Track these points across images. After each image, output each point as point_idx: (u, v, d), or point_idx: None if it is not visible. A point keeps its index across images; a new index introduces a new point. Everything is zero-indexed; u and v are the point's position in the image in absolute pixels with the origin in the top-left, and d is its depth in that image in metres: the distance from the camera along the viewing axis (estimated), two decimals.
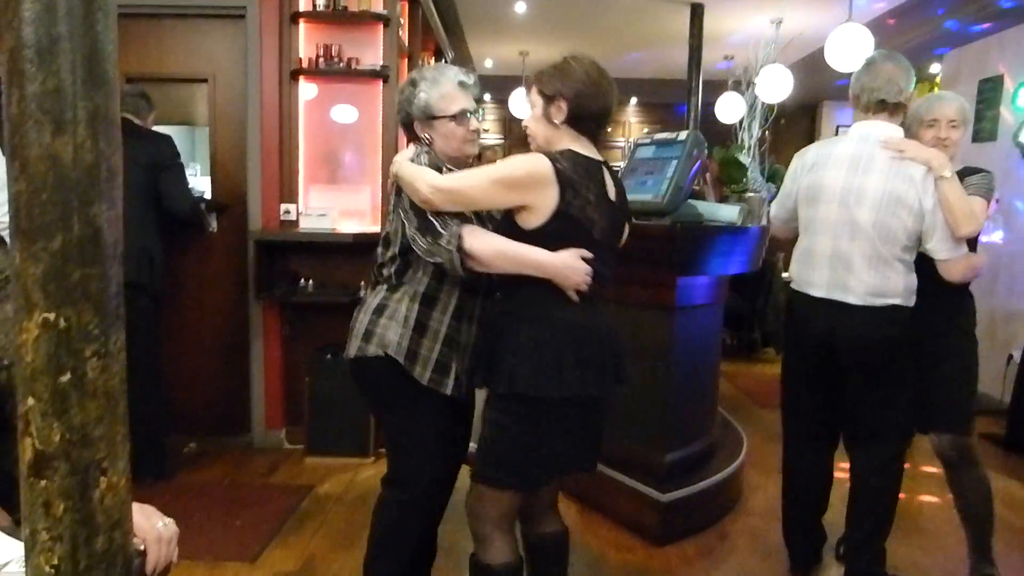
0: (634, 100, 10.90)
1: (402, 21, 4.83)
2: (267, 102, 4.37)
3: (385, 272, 2.32)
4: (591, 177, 2.09)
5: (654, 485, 3.45)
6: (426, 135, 2.32)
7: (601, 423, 2.25)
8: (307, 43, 4.39)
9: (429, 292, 2.26)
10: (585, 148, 2.15)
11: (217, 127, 4.56)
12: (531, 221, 2.07)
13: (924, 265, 2.75)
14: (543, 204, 2.04)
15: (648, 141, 3.49)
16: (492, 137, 11.17)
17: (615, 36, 7.97)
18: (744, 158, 4.73)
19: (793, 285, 2.99)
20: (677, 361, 3.50)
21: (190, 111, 4.74)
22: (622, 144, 10.66)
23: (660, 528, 3.42)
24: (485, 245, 2.09)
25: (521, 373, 2.05)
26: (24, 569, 0.77)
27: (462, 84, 2.33)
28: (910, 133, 2.98)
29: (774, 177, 4.98)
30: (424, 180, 2.12)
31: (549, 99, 2.15)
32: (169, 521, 1.17)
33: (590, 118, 2.15)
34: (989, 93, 5.98)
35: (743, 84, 6.02)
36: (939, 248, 2.68)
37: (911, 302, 2.73)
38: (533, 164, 2.04)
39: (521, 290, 2.12)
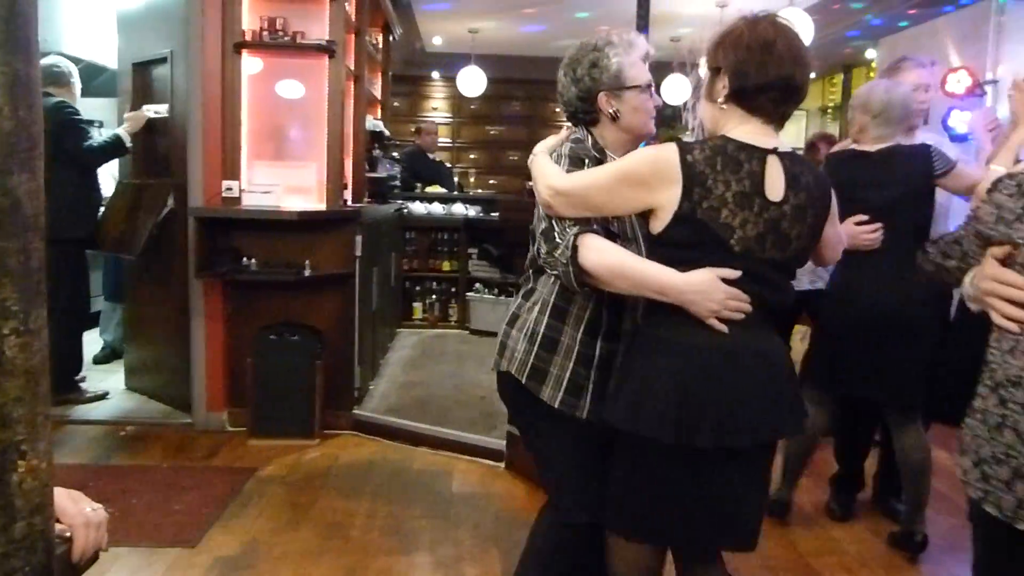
0: None
1: None
2: (209, 76, 4.26)
3: (529, 272, 2.10)
4: (737, 170, 1.70)
5: None
6: (612, 108, 2.00)
7: (749, 479, 1.84)
8: (251, 15, 4.28)
9: (559, 302, 1.99)
10: (753, 131, 1.75)
11: (173, 103, 4.48)
12: (655, 226, 1.76)
13: None
14: (666, 205, 1.71)
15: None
16: (441, 116, 11.08)
17: (563, 16, 7.95)
18: (689, 138, 4.78)
19: None
20: None
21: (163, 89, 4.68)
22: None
23: None
24: (601, 260, 1.78)
25: (624, 407, 1.79)
26: None
27: (647, 56, 2.06)
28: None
29: None
30: (545, 181, 1.86)
31: (714, 72, 1.80)
32: (98, 506, 1.13)
33: (759, 91, 1.73)
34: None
35: (688, 66, 6.06)
36: None
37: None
38: (657, 155, 1.73)
39: (658, 307, 1.78)
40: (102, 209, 4.81)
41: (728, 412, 1.70)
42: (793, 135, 10.20)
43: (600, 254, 1.78)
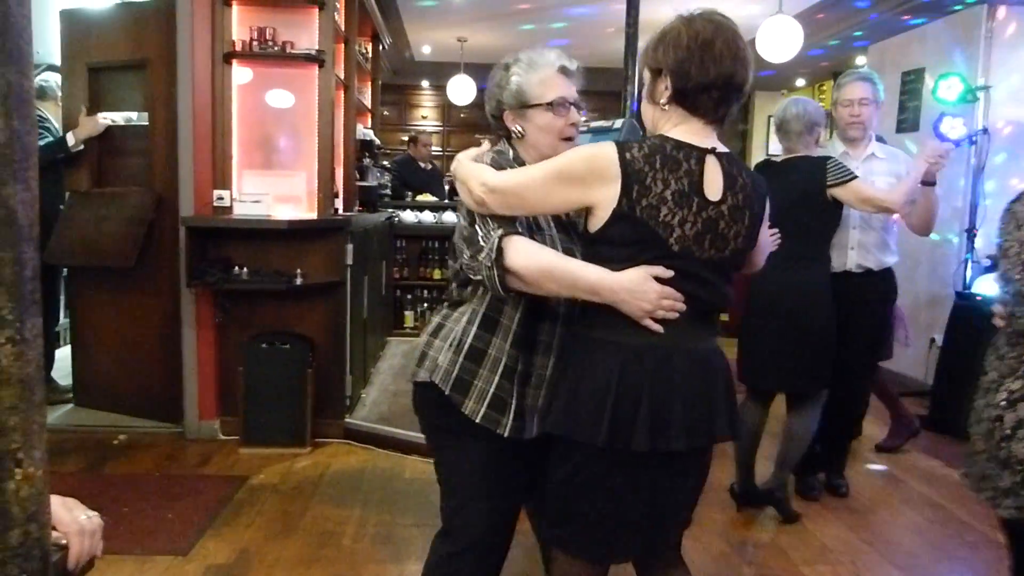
0: None
1: (338, 5, 4.76)
2: (199, 86, 4.26)
3: (452, 286, 2.03)
4: (676, 168, 1.68)
5: None
6: (518, 127, 1.98)
7: (687, 485, 1.85)
8: (240, 26, 4.29)
9: (490, 313, 1.91)
10: (692, 131, 1.73)
11: (154, 112, 4.49)
12: (592, 224, 1.73)
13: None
14: (603, 203, 1.68)
15: (584, 129, 3.50)
16: (430, 124, 11.10)
17: (552, 24, 7.98)
18: None
19: None
20: None
21: (137, 97, 4.68)
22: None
23: None
24: (528, 261, 1.73)
25: (557, 411, 1.76)
26: None
27: (563, 70, 1.98)
28: (833, 113, 3.57)
29: None
30: (478, 178, 1.80)
31: (655, 74, 1.76)
32: (93, 514, 1.13)
33: (700, 91, 1.70)
34: (911, 85, 6.16)
35: None
36: None
37: None
38: (594, 152, 1.70)
39: (591, 307, 1.75)
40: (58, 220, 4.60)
41: (664, 414, 1.67)
42: None
43: (527, 255, 1.74)
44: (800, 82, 9.79)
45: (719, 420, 1.75)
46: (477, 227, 1.82)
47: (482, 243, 1.78)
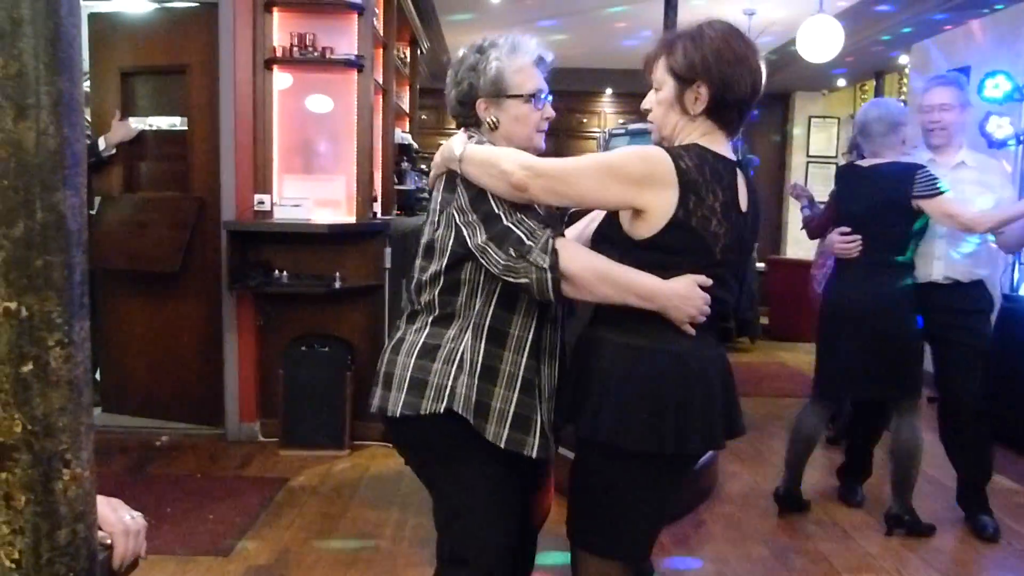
0: (609, 91, 10.90)
1: (376, 10, 4.80)
2: (241, 91, 4.33)
3: (425, 296, 1.82)
4: (720, 181, 1.68)
5: None
6: (491, 118, 1.86)
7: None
8: (281, 32, 4.35)
9: (496, 325, 1.78)
10: (717, 142, 1.74)
11: (192, 117, 4.54)
12: (642, 230, 1.67)
13: None
14: (658, 209, 1.64)
15: (623, 131, 3.51)
16: None
17: (590, 26, 7.96)
18: None
19: None
20: None
21: (172, 102, 4.71)
22: (597, 134, 10.65)
23: None
24: (585, 264, 1.67)
25: (605, 421, 1.69)
26: None
27: (541, 60, 1.91)
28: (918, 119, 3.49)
29: (745, 167, 4.99)
30: (512, 160, 1.68)
31: (686, 82, 1.71)
32: (137, 514, 1.15)
33: (735, 106, 1.72)
34: None
35: None
36: None
37: None
38: (652, 157, 1.65)
39: (620, 312, 1.71)
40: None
41: (709, 416, 1.70)
42: (824, 142, 10.12)
43: (583, 259, 1.69)
44: (841, 82, 9.65)
45: (738, 418, 1.81)
46: (513, 225, 1.68)
47: (529, 242, 1.66)
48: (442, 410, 1.75)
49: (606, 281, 1.67)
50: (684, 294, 1.65)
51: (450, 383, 1.75)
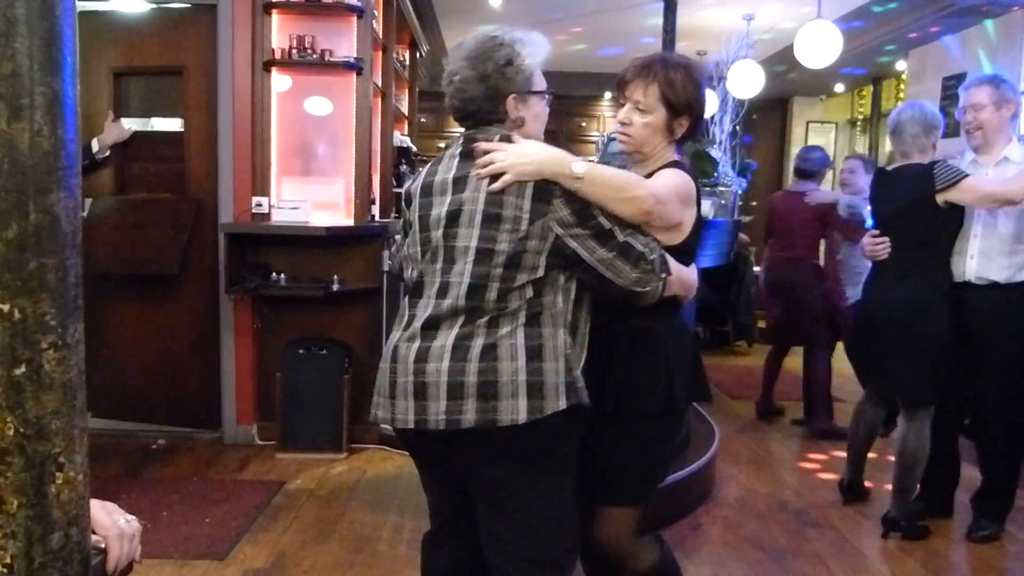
0: (608, 95, 10.91)
1: (376, 13, 4.80)
2: (239, 93, 4.32)
3: (513, 303, 1.77)
4: (698, 191, 2.07)
5: None
6: (518, 113, 1.88)
7: None
8: (280, 34, 4.34)
9: (574, 321, 1.86)
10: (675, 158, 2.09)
11: (189, 118, 4.52)
12: (677, 238, 1.95)
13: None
14: (690, 221, 1.99)
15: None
16: None
17: (589, 30, 7.97)
18: (716, 152, 4.75)
19: None
20: None
21: (167, 103, 4.67)
22: (596, 138, 10.65)
23: None
24: (674, 269, 1.88)
25: (679, 389, 2.02)
26: None
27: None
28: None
29: (744, 171, 5.02)
30: (642, 187, 1.83)
31: (676, 110, 1.99)
32: (132, 518, 1.14)
33: (697, 128, 2.10)
34: (953, 90, 6.05)
35: (715, 79, 6.04)
36: None
37: None
38: (689, 180, 1.98)
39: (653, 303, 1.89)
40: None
41: (700, 375, 2.17)
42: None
43: (672, 264, 1.88)
44: (839, 87, 9.66)
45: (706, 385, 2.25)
46: (627, 239, 1.78)
47: (648, 253, 1.79)
48: (565, 406, 1.76)
49: (680, 280, 1.92)
50: (694, 282, 2.02)
51: (564, 379, 1.78)
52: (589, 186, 1.75)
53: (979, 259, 3.27)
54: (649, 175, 1.98)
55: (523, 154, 1.77)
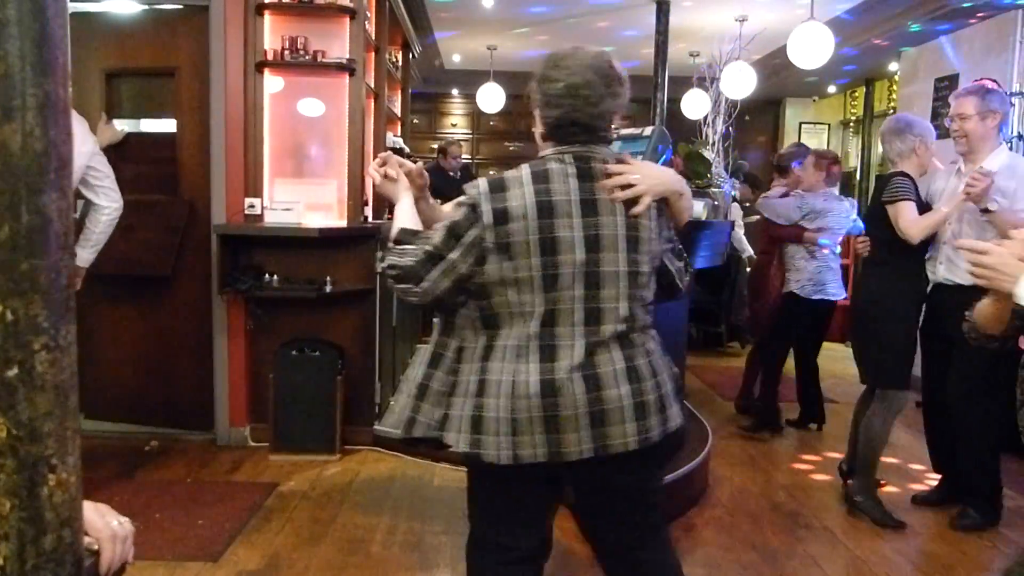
0: None
1: (369, 14, 4.79)
2: (232, 94, 4.31)
3: (647, 318, 1.92)
4: None
5: None
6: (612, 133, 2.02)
7: None
8: (272, 35, 4.34)
9: None
10: None
11: (182, 120, 4.51)
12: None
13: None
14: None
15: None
16: (460, 132, 11.13)
17: (582, 31, 7.98)
18: (708, 153, 4.77)
19: None
20: None
21: (159, 104, 4.66)
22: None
23: None
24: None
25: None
26: None
27: None
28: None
29: (737, 172, 5.05)
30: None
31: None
32: (125, 519, 1.14)
33: None
34: (945, 91, 6.08)
35: (708, 80, 6.06)
36: None
37: None
38: None
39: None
40: None
41: None
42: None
43: None
44: (831, 88, 9.69)
45: None
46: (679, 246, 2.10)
47: (684, 252, 2.10)
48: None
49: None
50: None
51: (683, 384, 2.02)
52: (687, 200, 1.99)
53: (946, 264, 3.54)
54: None
55: (653, 176, 1.86)
